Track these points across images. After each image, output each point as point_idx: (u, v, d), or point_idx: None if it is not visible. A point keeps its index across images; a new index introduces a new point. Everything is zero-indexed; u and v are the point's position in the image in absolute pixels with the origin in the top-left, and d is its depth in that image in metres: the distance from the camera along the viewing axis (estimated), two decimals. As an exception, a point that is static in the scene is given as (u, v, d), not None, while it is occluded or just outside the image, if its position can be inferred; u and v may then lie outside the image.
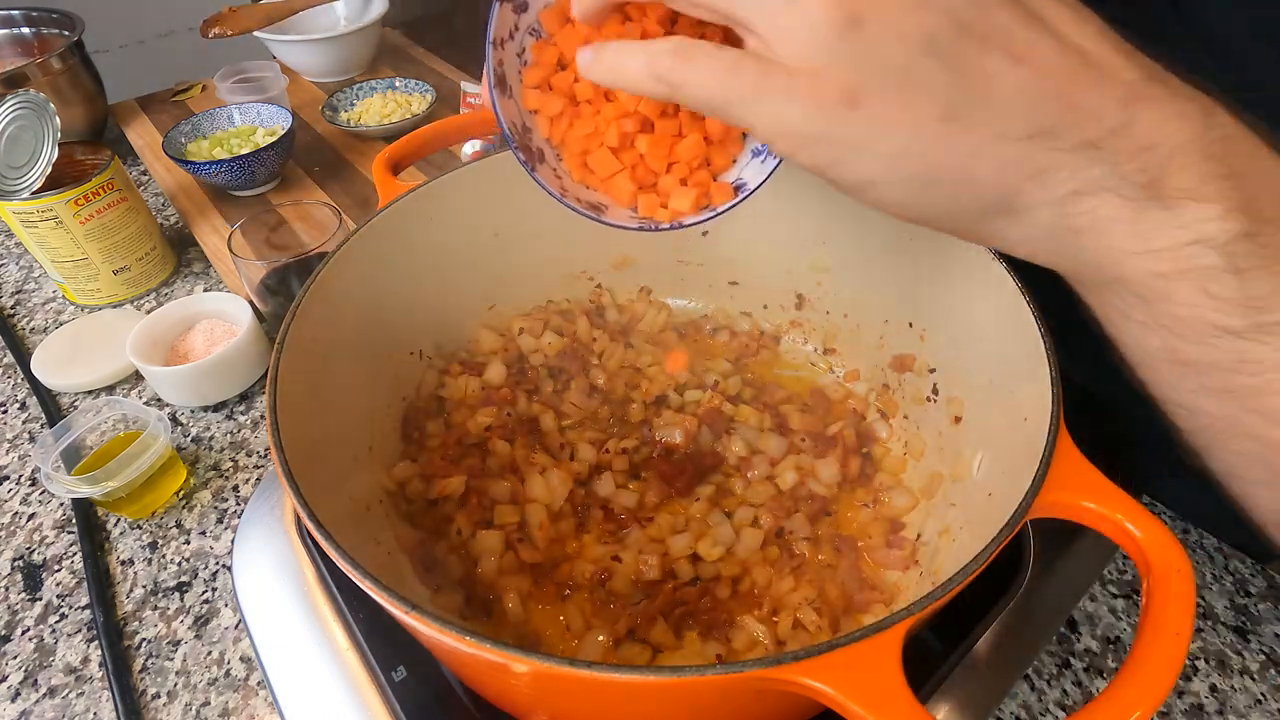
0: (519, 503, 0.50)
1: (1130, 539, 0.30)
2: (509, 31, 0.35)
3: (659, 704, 0.31)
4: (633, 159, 0.35)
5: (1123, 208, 0.23)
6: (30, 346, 0.71)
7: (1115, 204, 0.23)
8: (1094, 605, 0.49)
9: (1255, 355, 0.23)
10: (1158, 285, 0.23)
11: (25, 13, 0.95)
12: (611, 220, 0.36)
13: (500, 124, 0.35)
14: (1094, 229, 0.23)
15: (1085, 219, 0.23)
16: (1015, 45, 0.22)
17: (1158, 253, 0.23)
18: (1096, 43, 0.23)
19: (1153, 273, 0.23)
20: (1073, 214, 0.23)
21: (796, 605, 0.45)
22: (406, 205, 0.50)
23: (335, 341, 0.45)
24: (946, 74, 0.22)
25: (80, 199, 0.68)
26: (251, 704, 0.46)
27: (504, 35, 0.35)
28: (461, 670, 0.41)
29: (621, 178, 0.35)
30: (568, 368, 0.58)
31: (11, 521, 0.57)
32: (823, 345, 0.59)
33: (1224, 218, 0.22)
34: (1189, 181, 0.22)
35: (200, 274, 0.79)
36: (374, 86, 0.99)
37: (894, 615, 0.27)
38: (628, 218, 0.36)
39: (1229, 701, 0.44)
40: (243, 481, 0.59)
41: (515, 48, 0.36)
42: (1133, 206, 0.23)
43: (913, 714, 0.25)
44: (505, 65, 0.35)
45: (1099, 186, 0.23)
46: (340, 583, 0.47)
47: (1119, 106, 0.22)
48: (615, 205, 0.36)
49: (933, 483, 0.48)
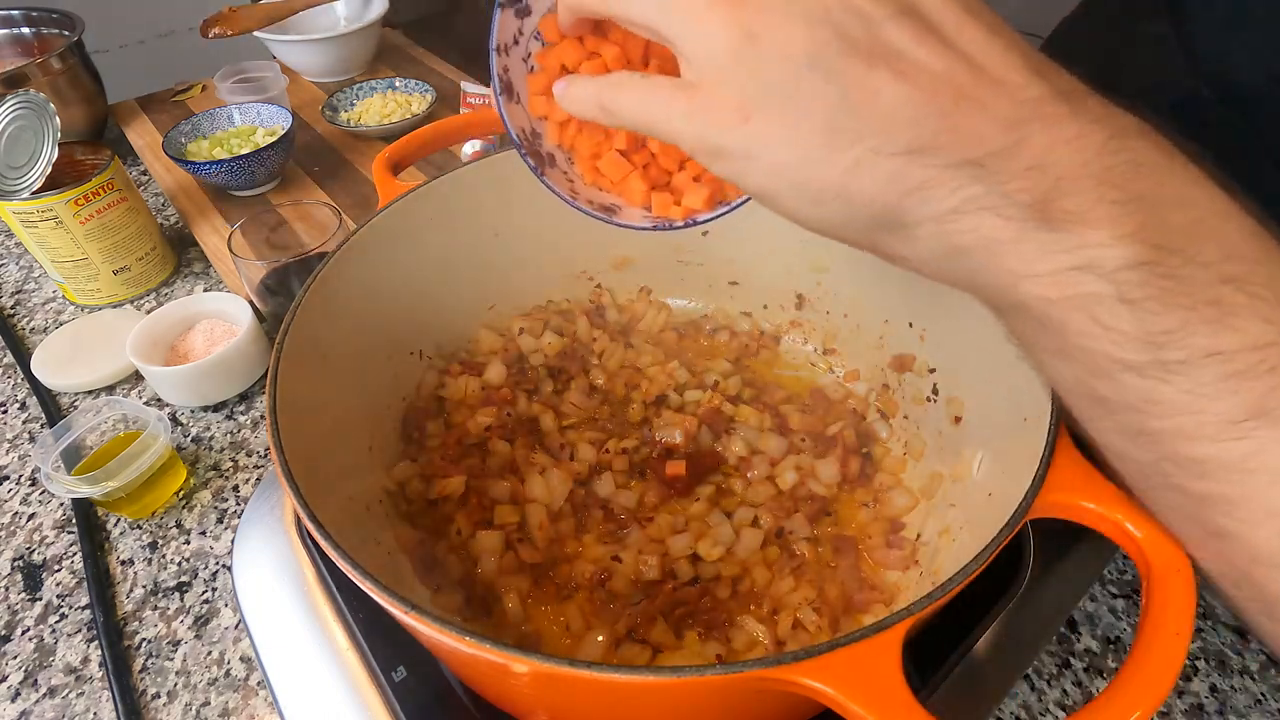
0: (519, 503, 0.50)
1: (1130, 539, 0.30)
2: (512, 37, 0.35)
3: (659, 704, 0.31)
4: (644, 159, 0.35)
5: (1004, 228, 0.22)
6: (30, 346, 0.71)
7: (997, 224, 0.22)
8: (1094, 605, 0.49)
9: (1160, 395, 0.22)
10: (1051, 312, 0.23)
11: (25, 13, 0.95)
12: (624, 221, 0.36)
13: (509, 130, 0.35)
14: (980, 248, 0.23)
15: (969, 238, 0.23)
16: (901, 62, 0.23)
17: (1042, 277, 0.22)
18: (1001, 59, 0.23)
19: (1043, 298, 0.23)
20: (954, 231, 0.23)
21: (796, 605, 0.45)
22: (406, 205, 0.50)
23: (335, 341, 0.45)
24: (830, 89, 0.23)
25: (80, 199, 0.68)
26: (251, 704, 0.46)
27: (507, 41, 0.35)
28: (461, 670, 0.41)
29: (634, 178, 0.35)
30: (568, 368, 0.58)
31: (11, 521, 0.57)
32: (823, 345, 0.59)
33: (1113, 243, 0.21)
34: (1079, 204, 0.22)
35: (200, 274, 0.79)
36: (374, 86, 0.99)
37: (894, 615, 0.27)
38: (640, 218, 0.36)
39: (1229, 701, 0.44)
40: (243, 481, 0.59)
41: (520, 53, 0.35)
42: (1015, 227, 0.22)
43: (912, 714, 0.25)
44: (511, 72, 0.35)
45: (978, 205, 0.22)
46: (340, 583, 0.47)
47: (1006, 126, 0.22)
48: (628, 206, 0.36)
49: (933, 483, 0.48)
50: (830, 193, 0.24)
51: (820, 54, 0.23)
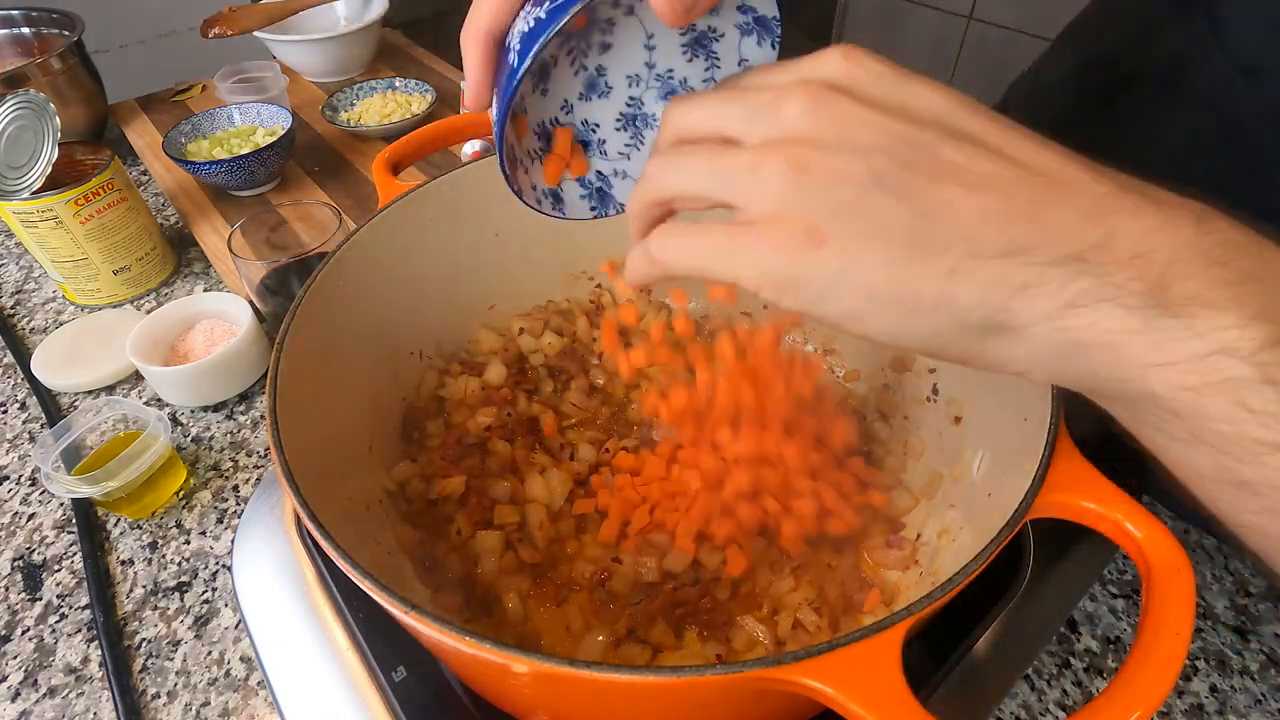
0: (519, 503, 0.50)
1: (1130, 539, 0.30)
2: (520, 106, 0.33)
3: (659, 704, 0.31)
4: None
5: (1128, 318, 0.22)
6: (30, 346, 0.71)
7: (1118, 315, 0.22)
8: (1094, 605, 0.49)
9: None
10: (1189, 400, 0.22)
11: (25, 13, 0.95)
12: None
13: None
14: (1102, 343, 0.22)
15: (1089, 333, 0.22)
16: (967, 175, 0.23)
17: (1178, 365, 0.22)
18: (1058, 164, 0.23)
19: (1180, 386, 0.22)
20: (1072, 328, 0.22)
21: (796, 605, 0.45)
22: (406, 205, 0.50)
23: (335, 341, 0.45)
24: (902, 205, 0.23)
25: (80, 199, 0.68)
26: (251, 704, 0.46)
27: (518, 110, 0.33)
28: (461, 670, 0.41)
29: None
30: (568, 368, 0.58)
31: (11, 521, 0.57)
32: (823, 345, 0.59)
33: (1244, 325, 0.21)
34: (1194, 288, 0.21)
35: (200, 274, 0.79)
36: (374, 86, 0.99)
37: (894, 615, 0.27)
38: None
39: (1229, 701, 0.44)
40: (243, 481, 0.59)
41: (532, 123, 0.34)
42: (1139, 316, 0.22)
43: (913, 714, 0.25)
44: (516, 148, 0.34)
45: (1094, 298, 0.22)
46: (340, 583, 0.47)
47: (1095, 219, 0.22)
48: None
49: (933, 483, 0.48)
50: (929, 303, 0.23)
51: (883, 177, 0.23)
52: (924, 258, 0.23)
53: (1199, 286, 0.21)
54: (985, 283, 0.22)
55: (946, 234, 0.22)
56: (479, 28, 0.29)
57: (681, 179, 0.27)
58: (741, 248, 0.25)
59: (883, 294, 0.24)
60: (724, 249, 0.25)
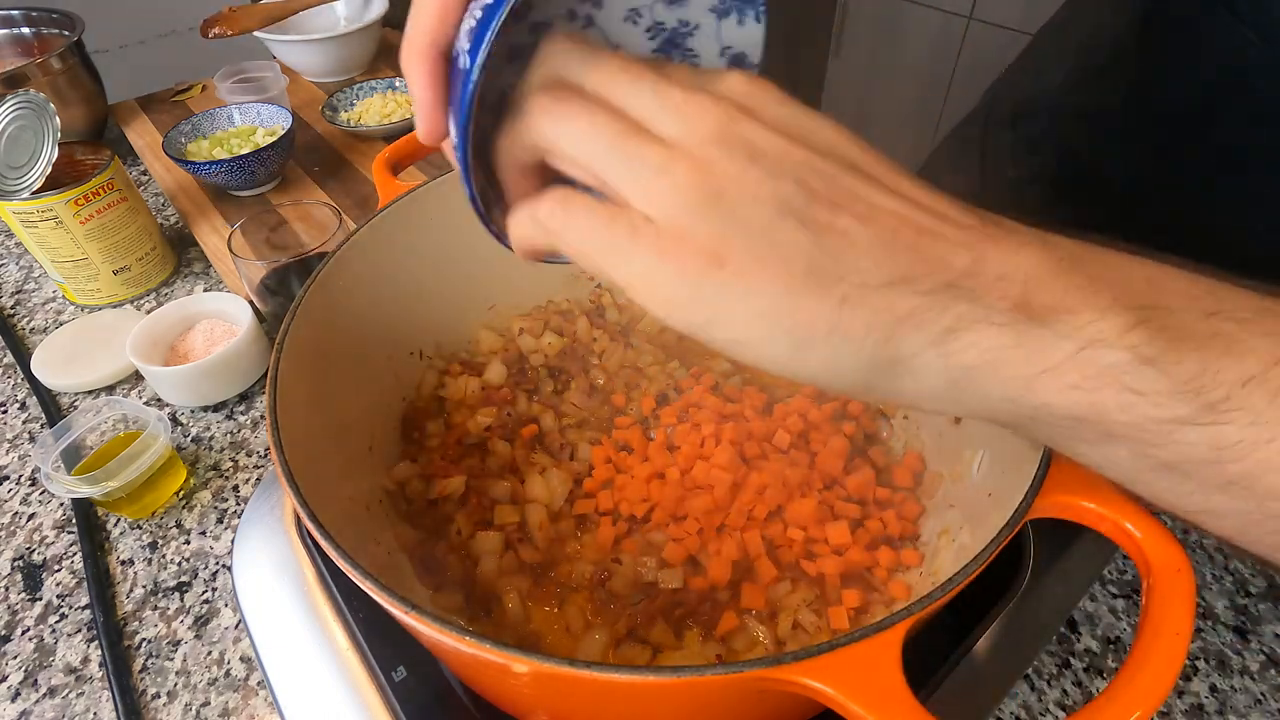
0: (519, 503, 0.50)
1: (1130, 539, 0.30)
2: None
3: (659, 704, 0.31)
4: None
5: (1000, 335, 0.23)
6: (30, 346, 0.71)
7: (991, 333, 0.23)
8: (1094, 605, 0.49)
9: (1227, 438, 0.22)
10: (1082, 399, 0.23)
11: (25, 13, 0.95)
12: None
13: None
14: (984, 362, 0.23)
15: (970, 354, 0.23)
16: (859, 206, 0.24)
17: (1058, 368, 0.23)
18: (933, 201, 0.24)
19: (1067, 387, 0.23)
20: (954, 352, 0.23)
21: (796, 606, 0.45)
22: (406, 205, 0.50)
23: (335, 341, 0.45)
24: (804, 233, 0.23)
25: (80, 199, 0.68)
26: (251, 704, 0.46)
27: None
28: (461, 670, 0.41)
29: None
30: (568, 368, 0.58)
31: (11, 521, 0.57)
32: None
33: (1102, 317, 0.22)
34: (1051, 297, 0.23)
35: (200, 274, 0.79)
36: (374, 86, 0.99)
37: (894, 615, 0.27)
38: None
39: (1229, 701, 0.44)
40: (243, 481, 0.59)
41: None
42: (1010, 332, 0.23)
43: (913, 714, 0.25)
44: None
45: (969, 320, 0.23)
46: (340, 583, 0.47)
47: (964, 248, 0.23)
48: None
49: (933, 483, 0.48)
50: (822, 332, 0.23)
51: (789, 201, 0.23)
52: (820, 286, 0.23)
53: (1055, 295, 0.23)
54: (873, 311, 0.23)
55: (841, 263, 0.23)
56: (419, 40, 0.26)
57: (573, 141, 0.25)
58: (640, 252, 0.24)
59: (777, 322, 0.23)
60: (622, 246, 0.24)
